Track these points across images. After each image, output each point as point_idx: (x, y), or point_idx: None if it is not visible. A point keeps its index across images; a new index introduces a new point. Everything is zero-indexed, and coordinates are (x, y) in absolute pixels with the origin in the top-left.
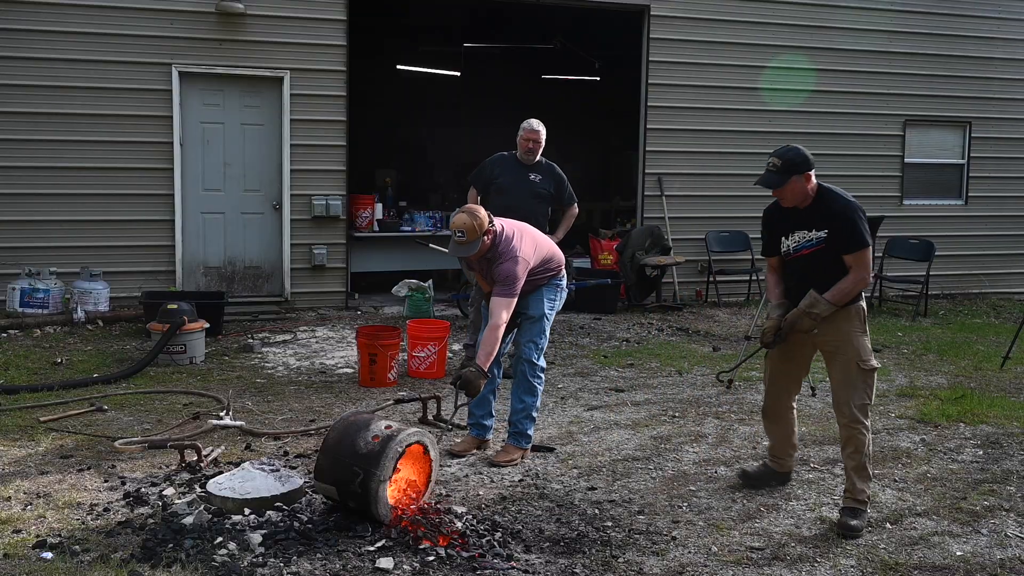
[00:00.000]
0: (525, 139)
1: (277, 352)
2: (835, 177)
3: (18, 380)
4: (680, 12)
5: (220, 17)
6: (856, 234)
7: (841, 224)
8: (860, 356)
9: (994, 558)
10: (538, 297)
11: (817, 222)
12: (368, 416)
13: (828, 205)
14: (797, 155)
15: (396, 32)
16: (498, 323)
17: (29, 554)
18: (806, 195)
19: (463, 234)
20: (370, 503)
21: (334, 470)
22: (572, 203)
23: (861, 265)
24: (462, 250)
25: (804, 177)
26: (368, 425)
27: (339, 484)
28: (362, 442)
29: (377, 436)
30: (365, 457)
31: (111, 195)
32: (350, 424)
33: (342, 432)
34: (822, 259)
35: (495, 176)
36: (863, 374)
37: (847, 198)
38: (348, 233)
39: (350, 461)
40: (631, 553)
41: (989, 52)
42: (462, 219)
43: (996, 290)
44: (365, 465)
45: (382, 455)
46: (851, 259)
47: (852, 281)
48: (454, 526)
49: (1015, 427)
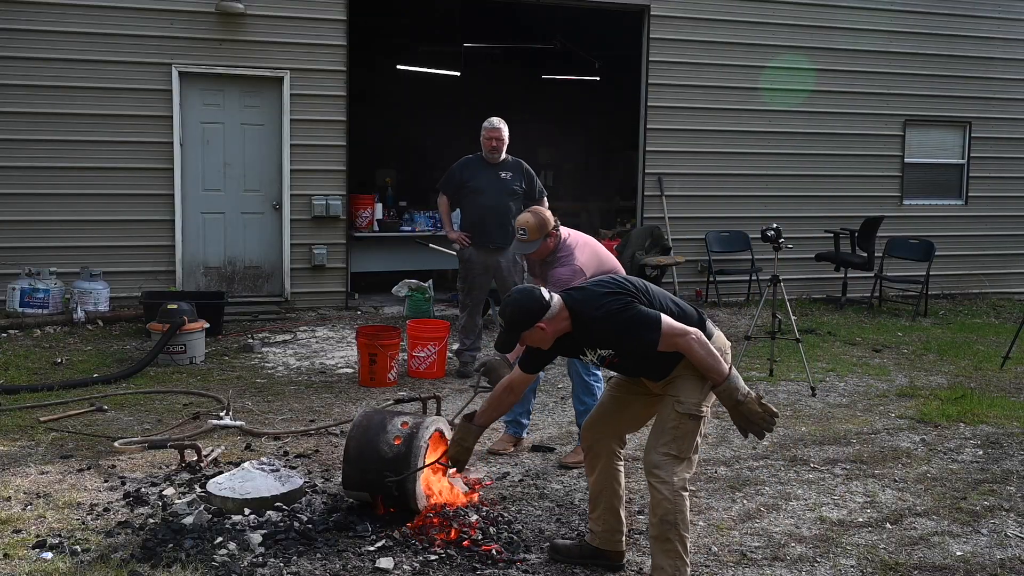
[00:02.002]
0: (488, 138)
1: (277, 352)
2: (835, 177)
3: (18, 380)
4: (680, 12)
5: (220, 17)
6: (637, 339)
7: (614, 340)
8: (679, 399)
9: (994, 558)
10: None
11: (593, 343)
12: (380, 416)
13: (586, 327)
14: (517, 311)
15: (396, 32)
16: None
17: (29, 554)
18: (558, 331)
19: (525, 232)
20: (408, 500)
21: (364, 478)
22: (543, 197)
23: (676, 340)
24: (522, 248)
25: (537, 328)
26: (385, 427)
27: (372, 488)
28: (385, 446)
29: (399, 438)
30: (393, 461)
31: (111, 195)
32: (367, 429)
33: (361, 439)
34: (633, 362)
35: (465, 180)
36: (679, 418)
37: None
38: (348, 233)
39: (378, 467)
40: (631, 553)
41: (989, 52)
42: (526, 218)
43: (996, 290)
44: (396, 469)
45: (409, 455)
46: (663, 347)
47: (693, 353)
48: (469, 519)
49: (1015, 427)
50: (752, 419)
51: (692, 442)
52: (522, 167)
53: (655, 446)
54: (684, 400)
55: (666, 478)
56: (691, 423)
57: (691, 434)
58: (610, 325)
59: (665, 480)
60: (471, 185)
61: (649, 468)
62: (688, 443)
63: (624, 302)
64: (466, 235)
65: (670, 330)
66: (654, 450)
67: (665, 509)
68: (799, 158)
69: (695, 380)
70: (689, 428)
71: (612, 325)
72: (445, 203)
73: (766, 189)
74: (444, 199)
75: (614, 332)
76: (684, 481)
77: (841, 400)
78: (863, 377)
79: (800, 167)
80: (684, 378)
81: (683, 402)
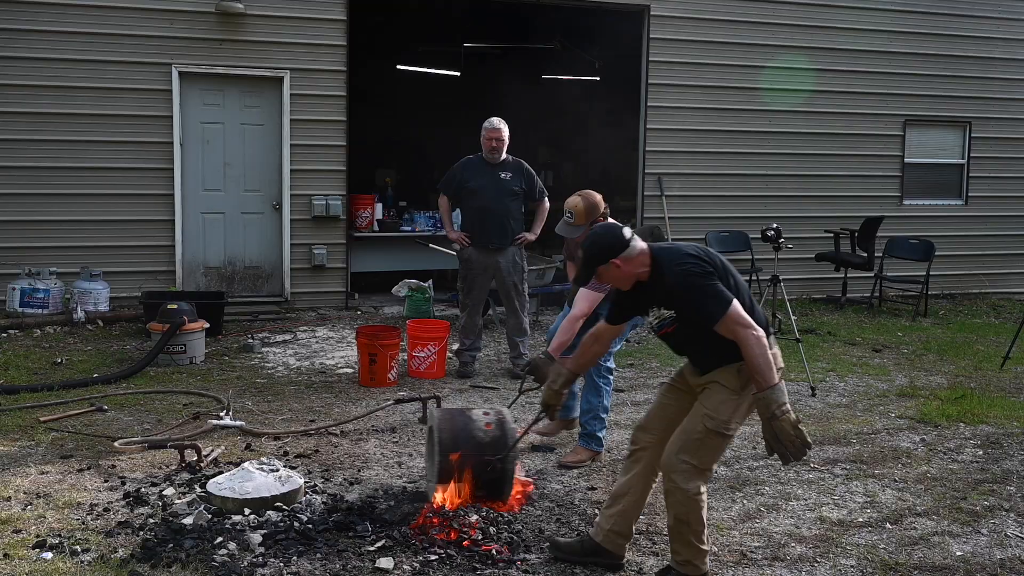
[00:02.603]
0: (488, 138)
1: (277, 352)
2: (835, 177)
3: (18, 380)
4: (680, 12)
5: (220, 17)
6: (702, 309)
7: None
8: (710, 414)
9: (994, 558)
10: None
11: (662, 300)
12: (455, 410)
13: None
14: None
15: (396, 32)
16: (577, 314)
17: (29, 554)
18: (635, 274)
19: (572, 215)
20: (506, 483)
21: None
22: (543, 197)
23: (737, 328)
24: (568, 231)
25: (612, 264)
26: (469, 416)
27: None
28: (480, 433)
29: (489, 424)
30: (493, 445)
31: (111, 195)
32: (452, 424)
33: (452, 434)
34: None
35: (466, 180)
36: (706, 432)
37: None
38: (348, 233)
39: (480, 453)
40: (631, 553)
41: (989, 52)
42: (575, 201)
43: (996, 290)
44: (496, 451)
45: (505, 436)
46: (722, 329)
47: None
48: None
49: (1015, 427)
50: (782, 438)
51: (715, 458)
52: (522, 167)
53: (678, 452)
54: (715, 416)
55: (682, 485)
56: (717, 439)
57: (715, 450)
58: (683, 284)
59: (680, 487)
60: (471, 185)
61: (667, 470)
62: (711, 458)
63: (705, 270)
64: (466, 235)
65: (736, 316)
66: (676, 456)
67: (679, 510)
68: (799, 158)
69: (730, 396)
70: (714, 444)
71: (685, 284)
72: (445, 203)
73: (766, 189)
74: (444, 199)
75: (684, 292)
76: (698, 488)
77: (841, 400)
78: (863, 377)
79: (800, 167)
80: (720, 390)
81: (714, 418)
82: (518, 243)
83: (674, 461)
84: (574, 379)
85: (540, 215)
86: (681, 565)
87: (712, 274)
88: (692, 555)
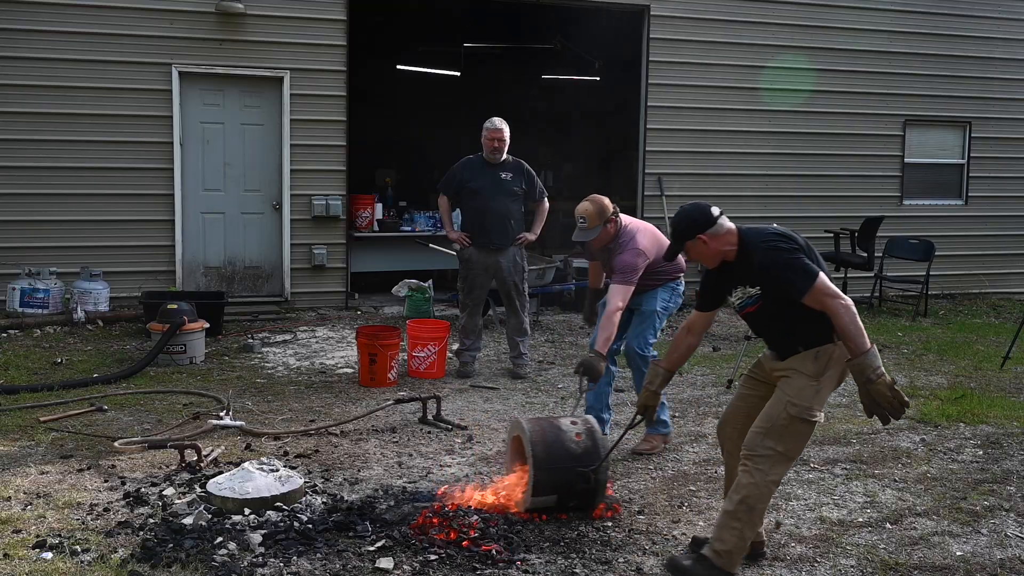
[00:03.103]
0: (489, 139)
1: (277, 352)
2: (835, 177)
3: (18, 380)
4: (680, 12)
5: (220, 17)
6: (789, 283)
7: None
8: (793, 400)
9: (994, 558)
10: (653, 294)
11: (748, 278)
12: (545, 420)
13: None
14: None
15: (396, 32)
16: (614, 309)
17: (29, 554)
18: (722, 252)
19: (585, 220)
20: (597, 493)
21: (555, 480)
22: (543, 198)
23: (826, 299)
24: (583, 235)
25: (699, 240)
26: (559, 427)
27: (560, 490)
28: (572, 445)
29: (579, 435)
30: (585, 456)
31: (111, 195)
32: (544, 434)
33: (545, 445)
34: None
35: (466, 180)
36: (790, 419)
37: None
38: (348, 233)
39: (572, 465)
40: (631, 553)
41: (989, 52)
42: (584, 206)
43: (996, 290)
44: (590, 462)
45: (596, 447)
46: (810, 301)
47: (839, 317)
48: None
49: (1015, 427)
50: (879, 401)
51: (801, 445)
52: (523, 168)
53: (763, 438)
54: (798, 403)
55: (762, 469)
56: (802, 426)
57: (801, 436)
58: (770, 259)
59: (760, 470)
60: (471, 186)
61: (748, 454)
62: (797, 445)
63: (791, 247)
64: (466, 235)
65: (824, 287)
66: (759, 443)
67: (749, 493)
68: (799, 158)
69: (810, 382)
70: (800, 430)
71: (772, 260)
72: (445, 203)
73: (766, 189)
74: (444, 199)
75: (770, 268)
76: (778, 477)
77: (841, 400)
78: None
79: (800, 167)
80: (799, 377)
81: (797, 404)
82: (518, 243)
83: (757, 446)
84: (670, 377)
85: (540, 215)
86: (719, 555)
87: (798, 250)
88: (736, 546)
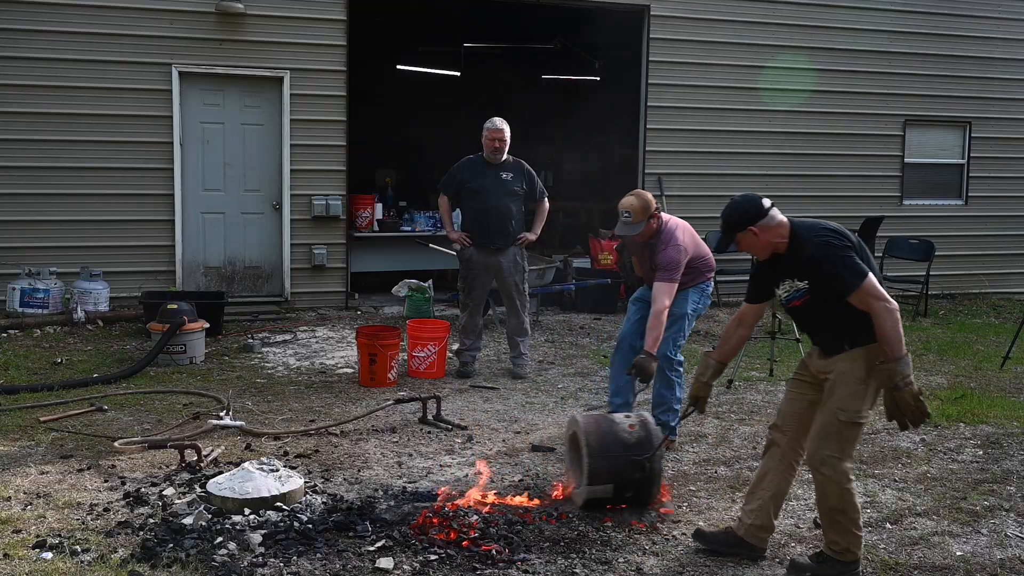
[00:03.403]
0: (490, 139)
1: (277, 352)
2: (835, 177)
3: (18, 380)
4: (680, 12)
5: (220, 17)
6: (838, 279)
7: (817, 271)
8: (841, 407)
9: (994, 558)
10: (684, 296)
11: (797, 271)
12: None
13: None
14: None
15: (396, 32)
16: (661, 308)
17: (29, 554)
18: (772, 244)
19: (629, 215)
20: (653, 483)
21: (612, 469)
22: (543, 198)
23: (872, 301)
24: (627, 230)
25: (750, 232)
26: (611, 419)
27: (616, 479)
28: (625, 435)
29: (632, 425)
30: (640, 445)
31: (111, 195)
32: (597, 425)
33: (598, 436)
34: (816, 308)
35: (466, 180)
36: (842, 426)
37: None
38: (348, 233)
39: (628, 453)
40: (631, 553)
41: (989, 52)
42: (629, 201)
43: (996, 290)
44: (643, 451)
45: (650, 436)
46: (856, 300)
47: (881, 321)
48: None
49: (1015, 427)
50: (902, 408)
51: (855, 444)
52: (523, 168)
53: (821, 447)
54: (846, 409)
55: (832, 476)
56: (854, 429)
57: (855, 438)
58: (821, 254)
59: (831, 478)
60: (472, 186)
61: (815, 464)
62: (852, 445)
63: (843, 244)
64: (467, 235)
65: (872, 288)
66: (820, 451)
67: (833, 502)
68: (799, 158)
69: (857, 387)
70: (852, 433)
71: (824, 254)
72: (445, 203)
73: (766, 189)
74: (444, 199)
75: (821, 262)
76: (848, 476)
77: None
78: None
79: (800, 167)
80: (846, 382)
81: (845, 411)
82: (519, 243)
83: (820, 456)
84: (722, 368)
85: (540, 215)
86: (839, 553)
87: (850, 248)
88: (849, 542)
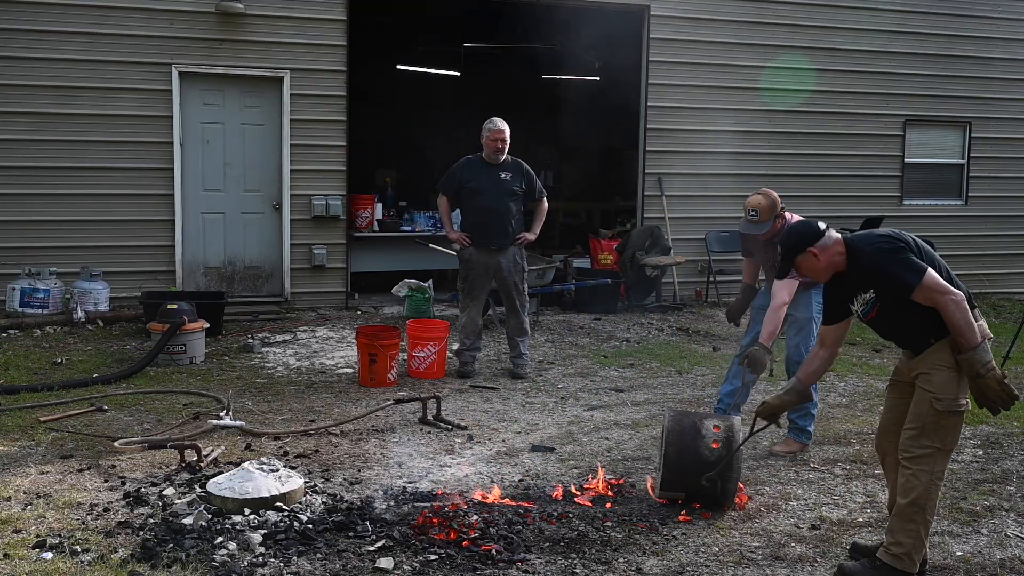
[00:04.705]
0: (492, 139)
1: (277, 352)
2: (835, 177)
3: (18, 380)
4: (680, 12)
5: (220, 17)
6: (898, 281)
7: (877, 278)
8: (936, 396)
9: (994, 558)
10: (807, 299)
11: (861, 284)
12: (690, 419)
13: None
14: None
15: (396, 32)
16: (780, 303)
17: (29, 554)
18: (832, 263)
19: (756, 214)
20: (725, 499)
21: (685, 481)
22: (542, 197)
23: (935, 295)
24: (753, 228)
25: (810, 254)
26: (699, 431)
27: (689, 489)
28: (705, 451)
29: (716, 442)
30: (714, 465)
31: (111, 195)
32: (681, 435)
33: (679, 448)
34: (891, 314)
35: (466, 180)
36: (939, 415)
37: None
38: (348, 233)
39: (700, 471)
40: (631, 553)
41: (989, 52)
42: (757, 200)
43: (996, 290)
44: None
45: (730, 459)
46: (920, 297)
47: (949, 313)
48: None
49: (1015, 427)
50: (988, 394)
51: (955, 436)
52: (522, 168)
53: (917, 438)
54: (942, 397)
55: (926, 468)
56: (953, 418)
57: (954, 428)
58: (877, 261)
59: (924, 470)
60: (472, 186)
61: (907, 457)
62: (952, 437)
63: (895, 246)
64: (466, 235)
65: (932, 283)
66: (915, 442)
67: (918, 494)
68: (799, 158)
69: (950, 374)
70: (951, 423)
71: (878, 261)
72: (445, 203)
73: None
74: (444, 199)
75: (878, 269)
76: (942, 471)
77: (841, 400)
78: (863, 377)
79: (800, 167)
80: (938, 371)
81: (941, 399)
82: (518, 243)
83: (914, 447)
84: (805, 389)
85: (539, 215)
86: (896, 558)
87: (904, 248)
88: (914, 546)
